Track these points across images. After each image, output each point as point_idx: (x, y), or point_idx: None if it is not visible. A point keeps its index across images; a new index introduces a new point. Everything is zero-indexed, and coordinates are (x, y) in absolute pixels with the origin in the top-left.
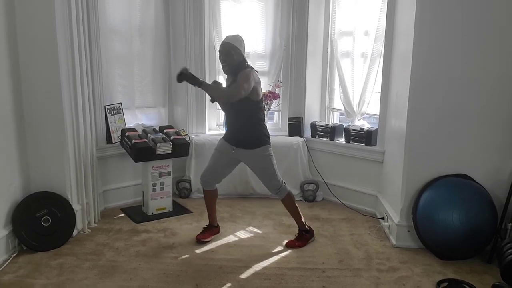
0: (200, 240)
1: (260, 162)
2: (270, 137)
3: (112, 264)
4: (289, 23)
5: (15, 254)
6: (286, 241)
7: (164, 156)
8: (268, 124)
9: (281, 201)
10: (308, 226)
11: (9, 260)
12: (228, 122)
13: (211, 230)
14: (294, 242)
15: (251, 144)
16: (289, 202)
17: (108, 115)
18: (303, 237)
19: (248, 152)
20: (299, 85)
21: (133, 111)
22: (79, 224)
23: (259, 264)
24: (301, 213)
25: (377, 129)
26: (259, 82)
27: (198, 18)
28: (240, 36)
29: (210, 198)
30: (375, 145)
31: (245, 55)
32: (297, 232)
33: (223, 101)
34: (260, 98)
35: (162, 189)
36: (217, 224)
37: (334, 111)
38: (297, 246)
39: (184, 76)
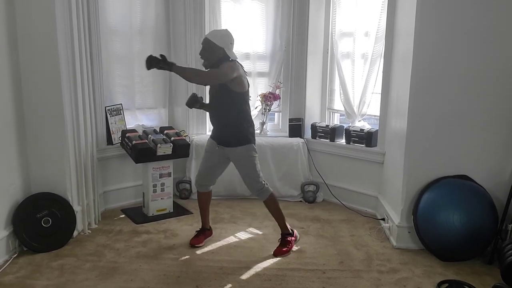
0: (194, 245)
1: (242, 161)
2: (274, 137)
3: (113, 265)
4: (289, 24)
5: (15, 255)
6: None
7: (165, 157)
8: (269, 125)
9: (263, 203)
10: (291, 229)
11: (10, 261)
12: (213, 118)
13: (204, 233)
14: (281, 249)
15: (234, 142)
16: (271, 204)
17: (108, 116)
18: (287, 241)
19: (231, 150)
20: (299, 86)
21: (133, 112)
22: (79, 225)
23: (259, 265)
24: (284, 216)
25: (377, 130)
26: (244, 75)
27: (199, 19)
28: (223, 31)
29: (205, 200)
30: (376, 146)
31: (229, 51)
32: (280, 237)
33: (198, 82)
34: (246, 90)
35: (162, 190)
36: (210, 226)
37: (334, 112)
38: (285, 252)
39: (152, 60)
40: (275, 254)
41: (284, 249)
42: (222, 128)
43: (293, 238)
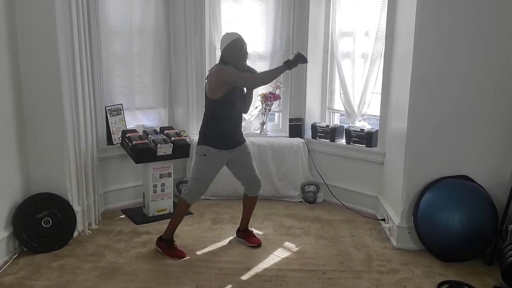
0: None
1: (250, 153)
2: (274, 138)
3: (113, 265)
4: (289, 24)
5: (15, 256)
6: (248, 243)
7: (165, 157)
8: (269, 125)
9: (250, 199)
10: None
11: (10, 262)
12: (239, 121)
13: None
14: (255, 237)
15: (243, 138)
16: (255, 199)
17: (108, 116)
18: (252, 234)
19: (243, 146)
20: (299, 86)
21: (133, 112)
22: (79, 226)
23: (259, 265)
24: None
25: (377, 130)
26: None
27: (199, 19)
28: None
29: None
30: (376, 146)
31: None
32: (250, 230)
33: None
34: None
35: (162, 190)
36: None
37: (334, 112)
38: (259, 241)
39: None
40: (258, 244)
41: (257, 239)
42: (240, 130)
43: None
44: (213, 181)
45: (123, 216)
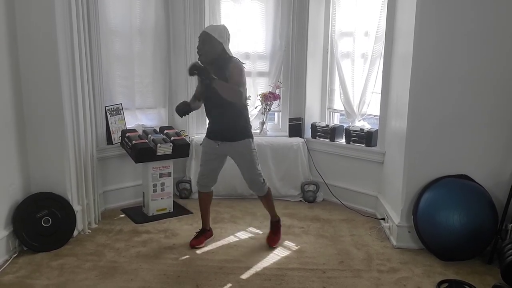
0: (194, 247)
1: (246, 155)
2: (274, 137)
3: (113, 264)
4: (289, 24)
5: (15, 255)
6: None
7: (165, 157)
8: (269, 125)
9: (259, 198)
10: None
11: (10, 261)
12: (212, 117)
13: (205, 234)
14: (274, 237)
15: (239, 136)
16: (269, 198)
17: (108, 115)
18: (276, 227)
19: (232, 145)
20: (299, 85)
21: (133, 111)
22: (79, 225)
23: (259, 264)
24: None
25: (377, 130)
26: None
27: (198, 19)
28: (221, 26)
29: (206, 200)
30: (376, 146)
31: (226, 46)
32: (270, 226)
33: (233, 99)
34: (245, 89)
35: (162, 189)
36: (210, 227)
37: (334, 112)
38: (278, 239)
39: (198, 68)
40: (271, 244)
41: (277, 236)
42: (227, 124)
43: (279, 224)
44: (212, 173)
45: (123, 215)
